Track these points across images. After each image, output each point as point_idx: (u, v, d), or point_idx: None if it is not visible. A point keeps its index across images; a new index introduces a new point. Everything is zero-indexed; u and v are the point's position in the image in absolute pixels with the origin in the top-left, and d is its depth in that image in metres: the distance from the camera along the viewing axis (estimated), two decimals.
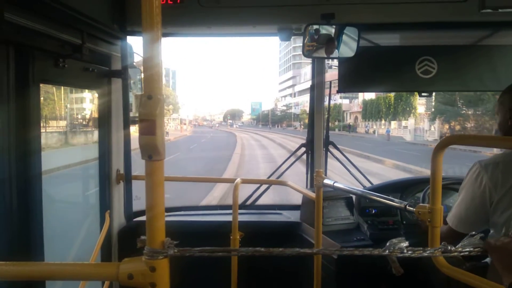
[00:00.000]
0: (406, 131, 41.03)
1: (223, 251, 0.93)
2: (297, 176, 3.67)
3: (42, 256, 1.92)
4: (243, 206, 3.23)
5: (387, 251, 1.02)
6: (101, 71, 2.38)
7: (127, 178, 2.63)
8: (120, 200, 2.64)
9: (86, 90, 3.77)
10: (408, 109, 44.20)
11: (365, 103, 55.34)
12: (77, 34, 2.02)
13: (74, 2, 1.88)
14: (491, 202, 1.65)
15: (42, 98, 1.99)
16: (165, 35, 2.81)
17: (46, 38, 1.87)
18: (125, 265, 0.90)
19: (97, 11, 2.24)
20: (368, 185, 3.22)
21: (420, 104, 44.02)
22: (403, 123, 43.11)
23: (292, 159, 3.45)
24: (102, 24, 2.22)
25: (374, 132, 49.17)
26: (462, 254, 1.08)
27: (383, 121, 48.71)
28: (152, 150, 0.85)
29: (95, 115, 2.69)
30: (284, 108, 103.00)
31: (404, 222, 2.68)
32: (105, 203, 2.54)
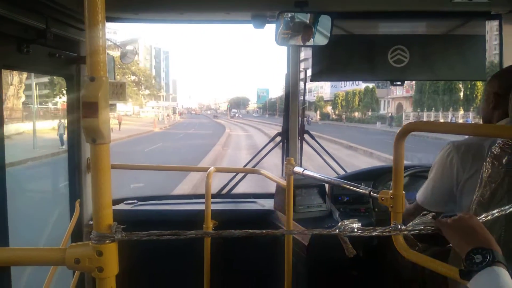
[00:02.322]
0: None
1: (172, 234, 0.93)
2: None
3: (7, 244, 1.89)
4: (218, 195, 3.23)
5: (337, 230, 1.02)
6: (68, 57, 2.33)
7: None
8: (90, 188, 2.61)
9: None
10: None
11: (419, 85, 38.83)
12: (41, 19, 1.97)
13: None
14: (458, 182, 1.69)
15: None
16: (136, 20, 2.77)
17: (8, 23, 1.82)
18: (72, 249, 0.90)
19: None
20: (342, 173, 3.24)
21: None
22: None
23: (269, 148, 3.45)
24: (69, 9, 2.17)
25: None
26: (412, 232, 1.09)
27: (461, 111, 35.38)
28: (95, 133, 0.83)
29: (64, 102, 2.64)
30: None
31: (376, 209, 2.72)
32: (75, 193, 2.51)
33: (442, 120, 34.35)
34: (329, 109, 70.61)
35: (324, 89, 73.48)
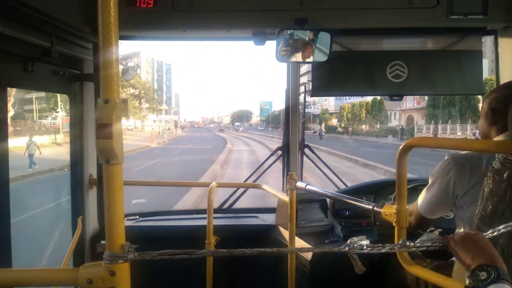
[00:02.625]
0: None
1: (184, 253, 0.94)
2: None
3: (10, 262, 1.88)
4: (219, 210, 3.23)
5: (347, 248, 1.04)
6: (72, 75, 2.35)
7: (100, 183, 2.60)
8: (93, 205, 2.61)
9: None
10: None
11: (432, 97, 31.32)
12: (46, 37, 1.99)
13: (43, 5, 1.86)
14: (455, 196, 1.71)
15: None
16: (139, 38, 2.81)
17: (13, 41, 1.84)
18: (84, 270, 0.90)
19: (68, 14, 2.22)
20: (343, 187, 3.26)
21: None
22: None
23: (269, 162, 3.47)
24: (73, 27, 2.20)
25: None
26: (420, 249, 1.11)
27: None
28: (109, 154, 0.85)
29: (67, 119, 2.65)
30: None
31: (377, 223, 2.72)
32: (77, 209, 2.51)
33: (459, 133, 33.61)
34: (334, 121, 68.15)
35: (328, 101, 71.14)
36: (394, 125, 49.28)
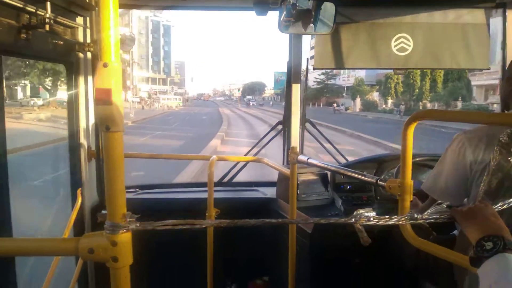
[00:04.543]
0: None
1: (185, 223, 0.92)
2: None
3: (10, 233, 1.88)
4: (220, 183, 3.23)
5: (353, 219, 1.02)
6: (68, 44, 2.29)
7: (99, 155, 2.57)
8: (92, 177, 2.59)
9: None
10: None
11: None
12: (42, 5, 1.92)
13: None
14: (472, 173, 1.64)
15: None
16: (138, 6, 2.73)
17: (7, 8, 1.78)
18: (85, 239, 0.89)
19: None
20: (344, 161, 3.24)
21: None
22: None
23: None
24: None
25: None
26: (428, 221, 1.09)
27: None
28: (109, 121, 0.82)
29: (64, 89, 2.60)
30: (323, 78, 69.89)
31: (378, 197, 2.73)
32: (76, 181, 2.49)
33: None
34: (375, 95, 53.81)
35: (357, 71, 55.44)
36: (486, 103, 32.84)
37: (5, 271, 1.79)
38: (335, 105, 49.06)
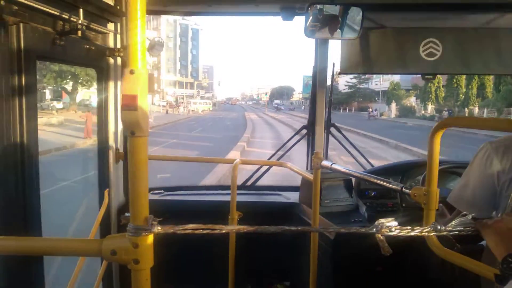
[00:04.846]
0: None
1: (207, 228, 0.93)
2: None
3: (40, 232, 1.94)
4: (243, 187, 3.24)
5: (374, 229, 1.01)
6: (99, 49, 2.36)
7: (127, 157, 2.63)
8: (119, 178, 2.65)
9: None
10: None
11: None
12: (75, 12, 1.99)
13: None
14: (499, 185, 1.59)
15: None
16: (165, 13, 2.79)
17: (42, 15, 1.85)
18: (108, 241, 0.91)
19: None
20: (369, 167, 3.20)
21: None
22: None
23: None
24: (101, 2, 2.19)
25: None
26: (452, 233, 1.07)
27: None
28: (134, 126, 0.84)
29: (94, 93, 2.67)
30: (355, 82, 66.16)
31: (404, 204, 2.67)
32: (104, 182, 2.55)
33: None
34: (412, 100, 50.23)
35: (392, 75, 49.56)
36: None
37: (33, 268, 1.85)
38: (370, 110, 45.97)
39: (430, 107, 43.36)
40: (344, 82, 67.25)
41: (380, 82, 58.47)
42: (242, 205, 2.41)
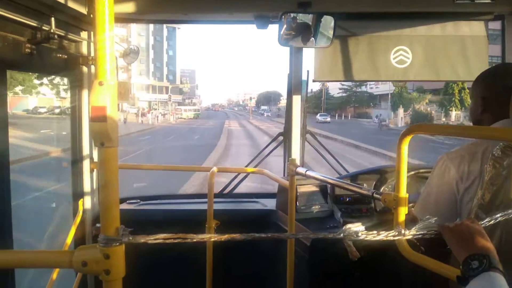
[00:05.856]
0: None
1: (178, 237, 0.93)
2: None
3: (11, 245, 1.90)
4: (220, 195, 3.24)
5: (342, 234, 1.03)
6: (72, 58, 2.34)
7: None
8: (94, 188, 2.62)
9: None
10: None
11: None
12: (46, 20, 1.97)
13: None
14: (458, 193, 1.66)
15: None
16: (140, 21, 2.77)
17: (13, 24, 1.83)
18: (79, 252, 0.90)
19: None
20: (344, 173, 3.24)
21: None
22: None
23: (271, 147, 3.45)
24: (72, 10, 2.17)
25: None
26: (416, 237, 1.10)
27: None
28: (103, 137, 0.84)
29: (67, 102, 2.64)
30: (350, 85, 57.12)
31: (378, 209, 2.72)
32: (78, 192, 2.52)
33: None
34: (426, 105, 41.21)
35: None
36: None
37: (4, 282, 1.80)
38: (377, 117, 39.57)
39: (455, 114, 36.56)
40: (338, 86, 59.37)
41: (375, 85, 51.37)
42: (219, 214, 2.41)
